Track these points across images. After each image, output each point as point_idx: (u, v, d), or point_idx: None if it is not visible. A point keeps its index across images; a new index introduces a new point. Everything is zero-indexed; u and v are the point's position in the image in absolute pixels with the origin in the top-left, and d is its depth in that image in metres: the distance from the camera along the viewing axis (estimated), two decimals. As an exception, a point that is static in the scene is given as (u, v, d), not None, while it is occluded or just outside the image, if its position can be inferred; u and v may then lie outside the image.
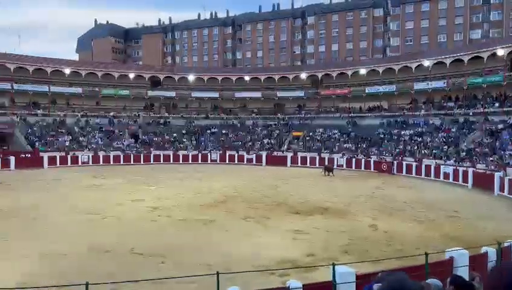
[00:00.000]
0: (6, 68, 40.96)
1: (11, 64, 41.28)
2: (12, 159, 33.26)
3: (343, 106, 45.50)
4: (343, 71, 44.56)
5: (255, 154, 40.04)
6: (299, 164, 37.50)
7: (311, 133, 43.02)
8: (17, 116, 41.01)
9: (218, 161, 40.00)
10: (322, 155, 37.73)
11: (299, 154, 38.75)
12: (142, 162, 38.85)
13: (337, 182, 26.75)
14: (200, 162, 39.92)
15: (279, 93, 47.74)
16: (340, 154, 37.14)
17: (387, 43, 57.19)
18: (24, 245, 11.69)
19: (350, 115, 43.98)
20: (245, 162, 39.25)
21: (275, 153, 40.19)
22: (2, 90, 41.18)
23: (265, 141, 43.71)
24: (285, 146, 42.03)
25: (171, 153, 40.99)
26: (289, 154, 38.99)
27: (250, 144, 43.36)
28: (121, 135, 43.97)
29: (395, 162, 32.49)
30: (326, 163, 34.24)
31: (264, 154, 39.76)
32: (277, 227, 14.13)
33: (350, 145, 39.14)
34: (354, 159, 35.67)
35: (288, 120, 46.55)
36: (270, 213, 16.54)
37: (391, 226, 14.31)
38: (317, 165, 36.24)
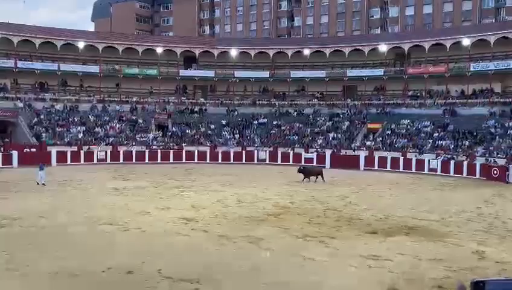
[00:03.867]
0: (9, 41, 43.51)
1: (14, 37, 43.75)
2: (15, 154, 35.34)
3: (438, 88, 44.29)
4: (440, 42, 43.26)
5: (316, 153, 39.85)
6: (377, 167, 36.97)
7: (393, 126, 42.28)
8: (21, 101, 43.53)
9: (267, 161, 40.28)
10: (408, 156, 36.87)
11: (377, 154, 38.13)
12: (171, 161, 39.81)
13: (430, 193, 26.23)
14: (244, 161, 40.31)
15: (350, 72, 47.15)
16: (434, 155, 36.25)
17: (501, 2, 54.50)
18: (28, 260, 12.38)
19: (448, 101, 42.73)
20: (303, 163, 39.11)
21: (344, 152, 39.83)
22: (4, 68, 43.74)
23: (331, 135, 43.37)
24: (358, 142, 41.48)
25: (207, 149, 41.72)
26: (363, 154, 38.49)
27: (309, 139, 43.16)
28: (145, 125, 45.37)
29: (511, 166, 31.19)
30: (302, 164, 31.50)
31: (328, 153, 39.49)
32: (346, 250, 14.01)
33: (447, 142, 38.10)
34: (452, 162, 34.69)
35: (362, 108, 45.97)
36: (336, 232, 16.41)
37: (504, 254, 13.85)
38: (400, 169, 35.71)
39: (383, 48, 45.61)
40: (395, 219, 18.64)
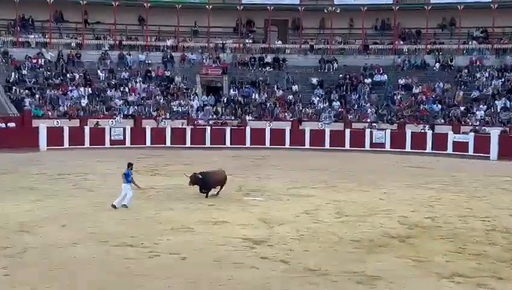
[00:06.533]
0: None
1: None
2: (-16, 131, 36.90)
3: None
4: None
5: (473, 134, 39.20)
6: None
7: None
8: (-6, 48, 45.30)
9: (387, 147, 40.37)
10: None
11: None
12: (227, 145, 40.46)
13: None
14: (348, 147, 40.51)
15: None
16: None
17: None
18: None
19: None
20: (448, 151, 39.02)
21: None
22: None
23: (499, 103, 42.42)
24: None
25: (287, 126, 41.77)
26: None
27: (462, 109, 42.26)
28: (187, 86, 45.88)
29: None
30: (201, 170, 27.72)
31: (495, 134, 38.74)
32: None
33: None
34: None
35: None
36: (509, 269, 15.85)
37: None
38: None
39: None
40: None
